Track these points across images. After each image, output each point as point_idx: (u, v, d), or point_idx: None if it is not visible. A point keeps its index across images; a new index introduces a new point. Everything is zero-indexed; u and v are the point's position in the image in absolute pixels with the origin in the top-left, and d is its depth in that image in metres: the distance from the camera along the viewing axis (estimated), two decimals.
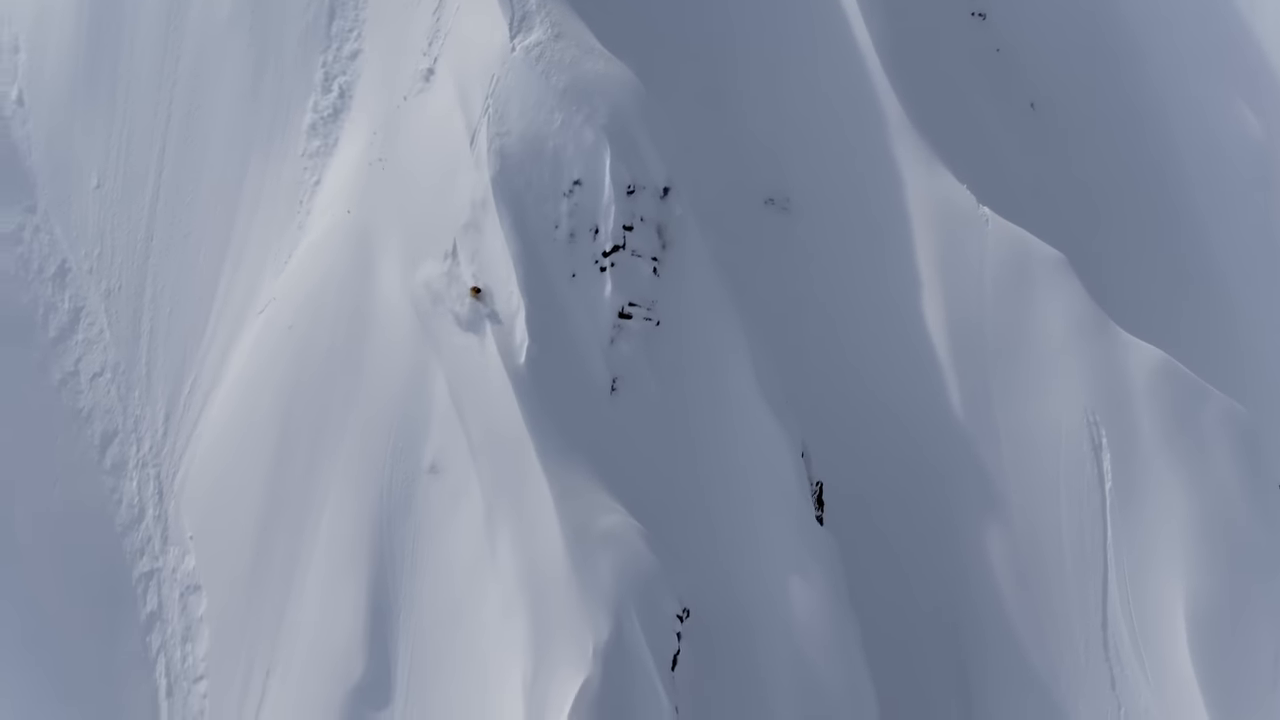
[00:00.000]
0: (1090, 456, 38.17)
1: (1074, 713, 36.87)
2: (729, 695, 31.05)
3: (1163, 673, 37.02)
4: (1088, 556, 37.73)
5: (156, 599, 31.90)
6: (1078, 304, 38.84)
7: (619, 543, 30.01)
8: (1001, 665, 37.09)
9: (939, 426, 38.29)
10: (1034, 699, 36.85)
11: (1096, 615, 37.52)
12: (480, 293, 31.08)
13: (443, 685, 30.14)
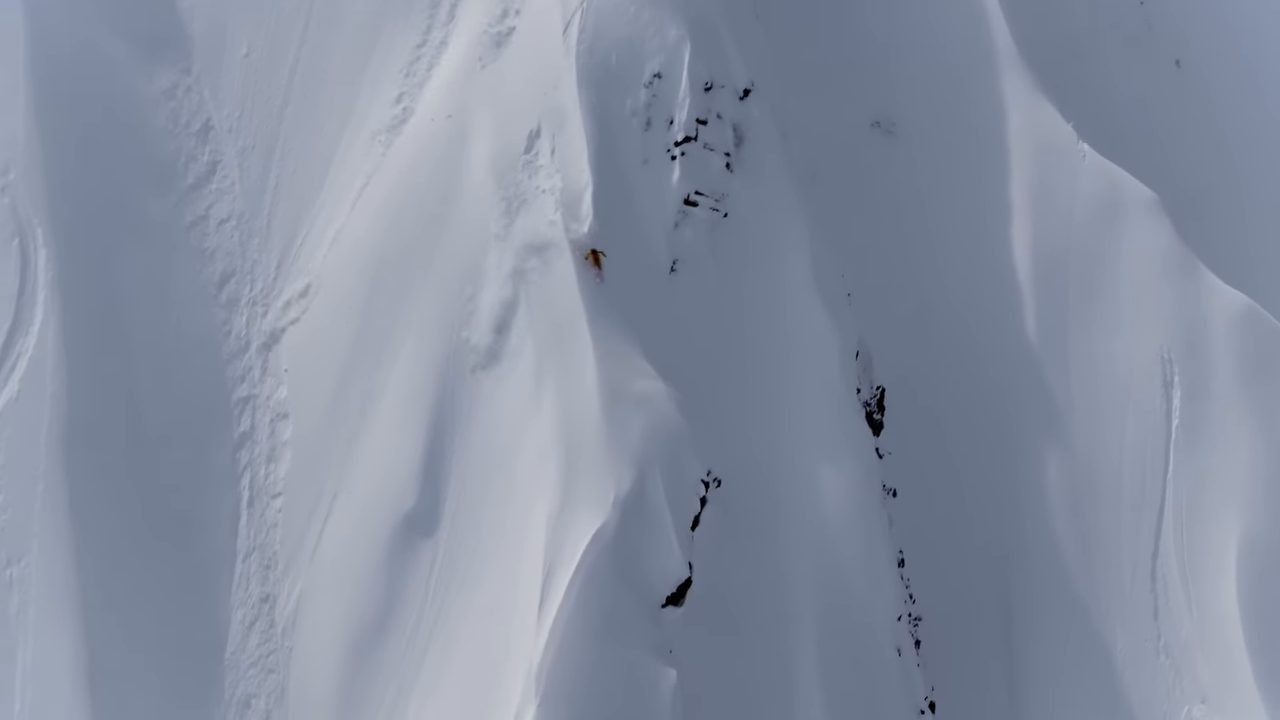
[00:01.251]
0: (1160, 393, 38.91)
1: (1113, 637, 37.79)
2: (748, 566, 33.02)
3: (1207, 609, 37.62)
4: (1146, 490, 38.52)
5: (250, 422, 35.44)
6: (1166, 244, 39.53)
7: (652, 406, 32.27)
8: (1045, 585, 38.20)
9: (1012, 351, 39.53)
10: (1075, 621, 37.88)
11: (1148, 546, 38.29)
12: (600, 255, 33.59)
13: (481, 520, 32.90)
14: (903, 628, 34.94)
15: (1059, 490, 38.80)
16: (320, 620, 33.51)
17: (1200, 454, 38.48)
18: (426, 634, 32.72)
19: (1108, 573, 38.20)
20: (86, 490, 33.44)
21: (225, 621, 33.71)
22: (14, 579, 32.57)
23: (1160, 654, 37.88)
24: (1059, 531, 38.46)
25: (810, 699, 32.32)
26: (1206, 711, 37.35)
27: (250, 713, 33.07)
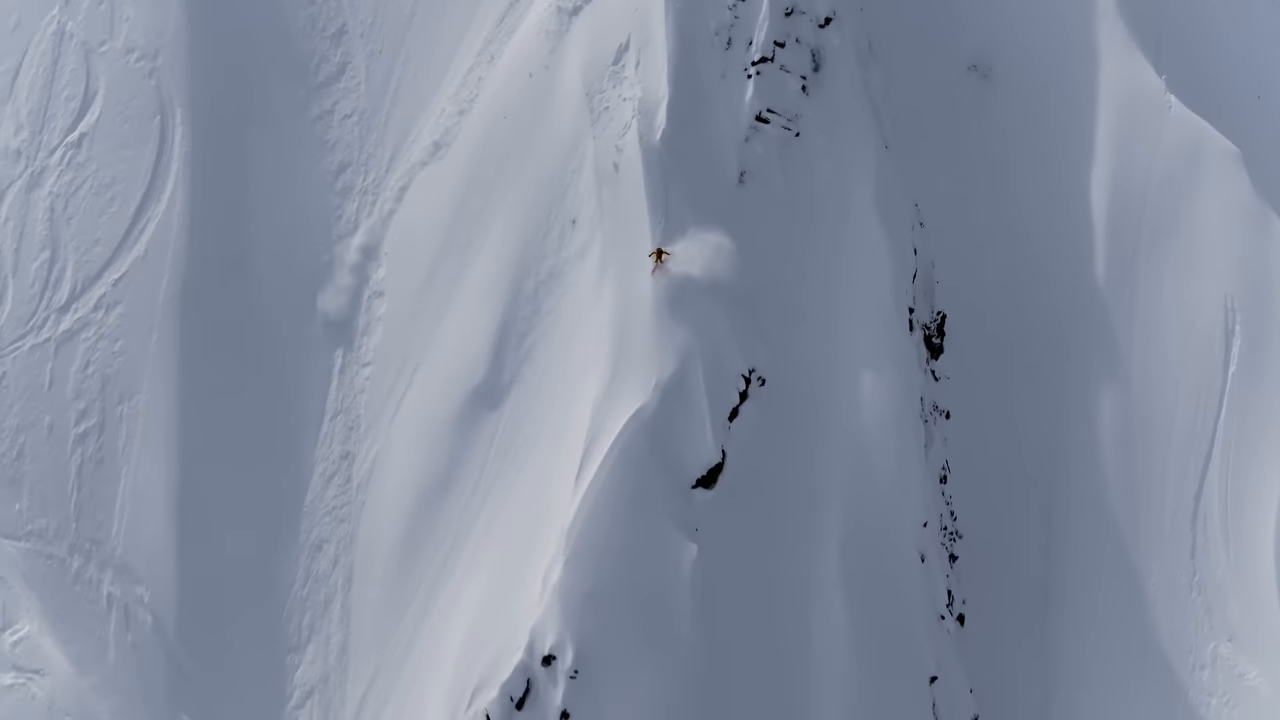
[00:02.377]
0: (1220, 341, 39.74)
1: (1148, 570, 38.85)
2: (783, 461, 34.90)
3: (1243, 552, 38.41)
4: (1196, 432, 39.42)
5: (351, 296, 38.61)
6: (1242, 196, 40.29)
7: (702, 303, 34.55)
8: (1087, 515, 39.40)
9: (1081, 289, 40.79)
10: (1113, 552, 39.00)
11: (1192, 486, 39.20)
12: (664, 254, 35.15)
13: (540, 397, 35.59)
14: (929, 535, 36.45)
15: (1111, 425, 39.92)
16: (391, 478, 36.61)
17: (1253, 403, 39.24)
18: (482, 497, 35.58)
19: (1149, 508, 39.20)
20: (195, 344, 37.12)
21: (308, 473, 37.05)
22: (124, 414, 36.44)
23: (1193, 590, 38.76)
24: (1106, 464, 39.57)
25: (830, 591, 34.16)
26: (1233, 649, 38.15)
27: (321, 556, 36.36)
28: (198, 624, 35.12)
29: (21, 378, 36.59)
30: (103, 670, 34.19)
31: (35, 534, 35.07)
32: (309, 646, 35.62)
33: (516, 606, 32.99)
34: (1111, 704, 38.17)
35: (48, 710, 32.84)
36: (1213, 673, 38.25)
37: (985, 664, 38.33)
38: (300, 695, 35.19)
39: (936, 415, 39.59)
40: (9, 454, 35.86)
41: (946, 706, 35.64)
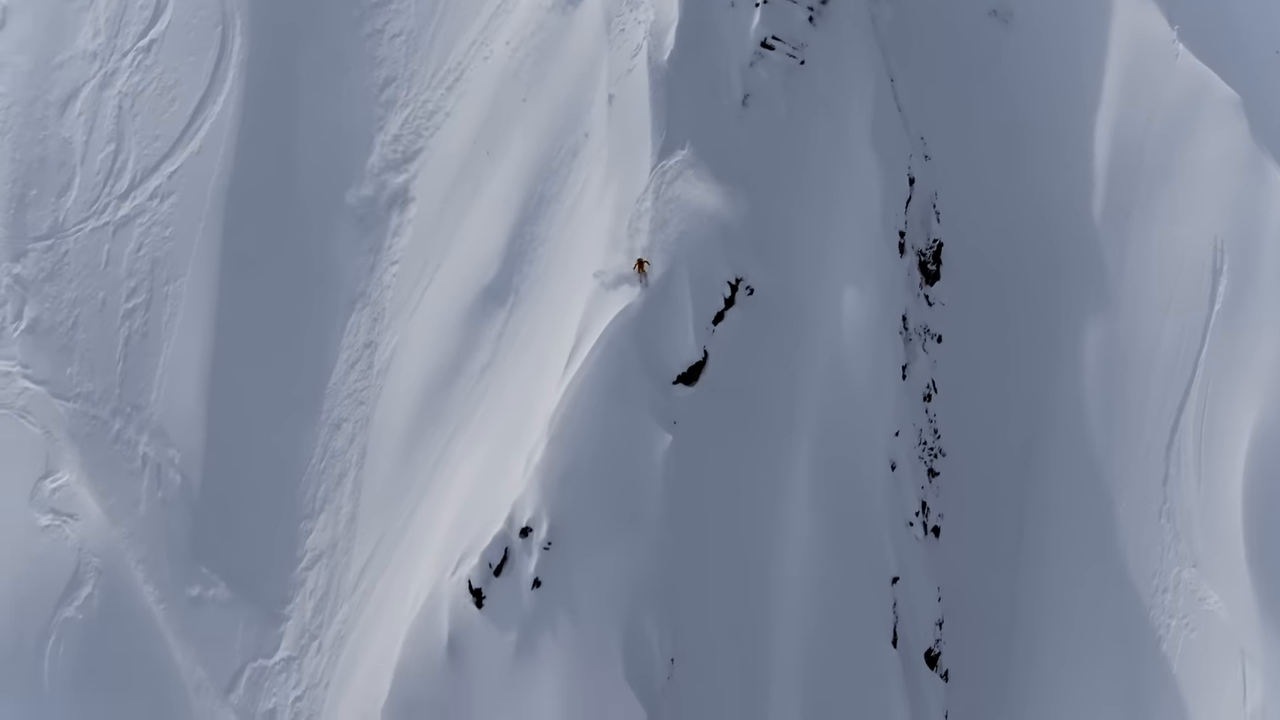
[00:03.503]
0: (1208, 279, 40.92)
1: (1120, 495, 40.32)
2: (764, 365, 36.84)
3: (1214, 485, 39.64)
4: (1178, 364, 40.67)
5: (386, 200, 41.24)
6: (1239, 142, 41.30)
7: (695, 212, 36.57)
8: (1067, 439, 40.94)
9: (1077, 224, 42.23)
10: (1088, 475, 40.55)
11: (1170, 418, 40.44)
12: (645, 265, 36.40)
13: (543, 297, 37.91)
14: (902, 445, 38.19)
15: (1096, 355, 41.30)
16: (406, 367, 39.18)
17: (1235, 340, 40.36)
18: (485, 386, 38.02)
19: (1127, 438, 40.56)
20: (237, 234, 39.95)
21: (332, 359, 39.72)
22: (169, 294, 39.44)
23: (1163, 517, 40.04)
24: (1088, 392, 41.01)
25: (798, 488, 36.20)
26: (1197, 575, 39.39)
27: (339, 434, 39.06)
28: (221, 487, 37.98)
29: (81, 256, 39.73)
30: (132, 521, 37.18)
31: (82, 396, 38.18)
32: (321, 515, 38.36)
33: (503, 485, 35.46)
34: (1076, 619, 39.65)
35: (78, 551, 35.85)
36: (1175, 596, 39.54)
37: (957, 574, 40.03)
38: (310, 559, 37.95)
39: (927, 337, 41.26)
40: (64, 324, 38.99)
41: (908, 607, 37.44)
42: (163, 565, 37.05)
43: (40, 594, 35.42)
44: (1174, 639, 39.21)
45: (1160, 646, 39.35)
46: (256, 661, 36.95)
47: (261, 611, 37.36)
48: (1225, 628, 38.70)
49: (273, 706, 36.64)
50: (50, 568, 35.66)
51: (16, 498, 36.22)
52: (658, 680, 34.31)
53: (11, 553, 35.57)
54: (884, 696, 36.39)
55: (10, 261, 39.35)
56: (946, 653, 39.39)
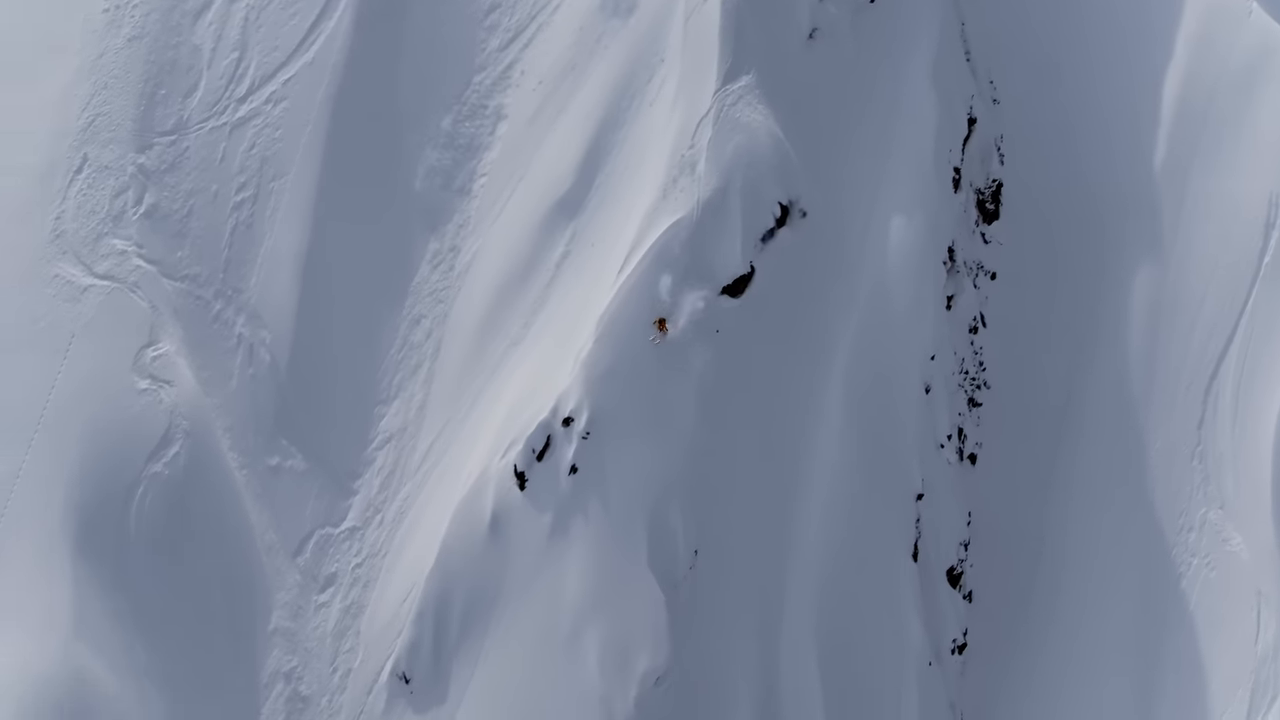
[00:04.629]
0: (1260, 233, 40.87)
1: (1155, 436, 40.76)
2: (810, 284, 38.04)
3: (1248, 429, 39.73)
4: (1223, 314, 40.83)
5: (480, 118, 43.30)
6: None
7: (752, 134, 37.82)
8: (1108, 377, 41.45)
9: (1137, 173, 42.49)
10: (1124, 413, 41.10)
11: (1210, 365, 40.66)
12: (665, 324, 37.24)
13: (610, 212, 39.60)
14: (938, 370, 39.04)
15: (1143, 300, 41.61)
16: (483, 270, 41.12)
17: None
18: (550, 292, 39.82)
19: (1167, 378, 40.88)
20: (340, 140, 42.18)
21: (418, 259, 41.82)
22: (274, 190, 41.93)
23: (1194, 458, 40.31)
24: (1133, 335, 41.35)
25: (832, 400, 37.41)
26: (1222, 516, 39.64)
27: (418, 328, 41.20)
28: (307, 369, 40.36)
29: (200, 152, 42.40)
30: (223, 394, 39.80)
31: (189, 278, 40.92)
32: (395, 401, 40.62)
33: (553, 379, 37.38)
34: (1101, 552, 40.22)
35: (170, 414, 38.58)
36: (1199, 535, 39.87)
37: (991, 502, 40.86)
38: (381, 440, 40.25)
39: (980, 273, 42.00)
40: (180, 212, 41.73)
41: (931, 524, 38.41)
42: (247, 435, 39.63)
43: (132, 449, 38.17)
44: (1194, 576, 39.59)
45: (1180, 583, 39.74)
46: (324, 529, 39.40)
47: (333, 484, 39.74)
48: (1245, 569, 38.95)
49: (335, 571, 39.10)
50: (143, 427, 38.39)
51: (120, 363, 39.03)
52: (679, 570, 35.90)
53: (111, 411, 38.37)
54: (898, 605, 37.52)
55: (136, 152, 42.11)
56: (974, 577, 40.31)
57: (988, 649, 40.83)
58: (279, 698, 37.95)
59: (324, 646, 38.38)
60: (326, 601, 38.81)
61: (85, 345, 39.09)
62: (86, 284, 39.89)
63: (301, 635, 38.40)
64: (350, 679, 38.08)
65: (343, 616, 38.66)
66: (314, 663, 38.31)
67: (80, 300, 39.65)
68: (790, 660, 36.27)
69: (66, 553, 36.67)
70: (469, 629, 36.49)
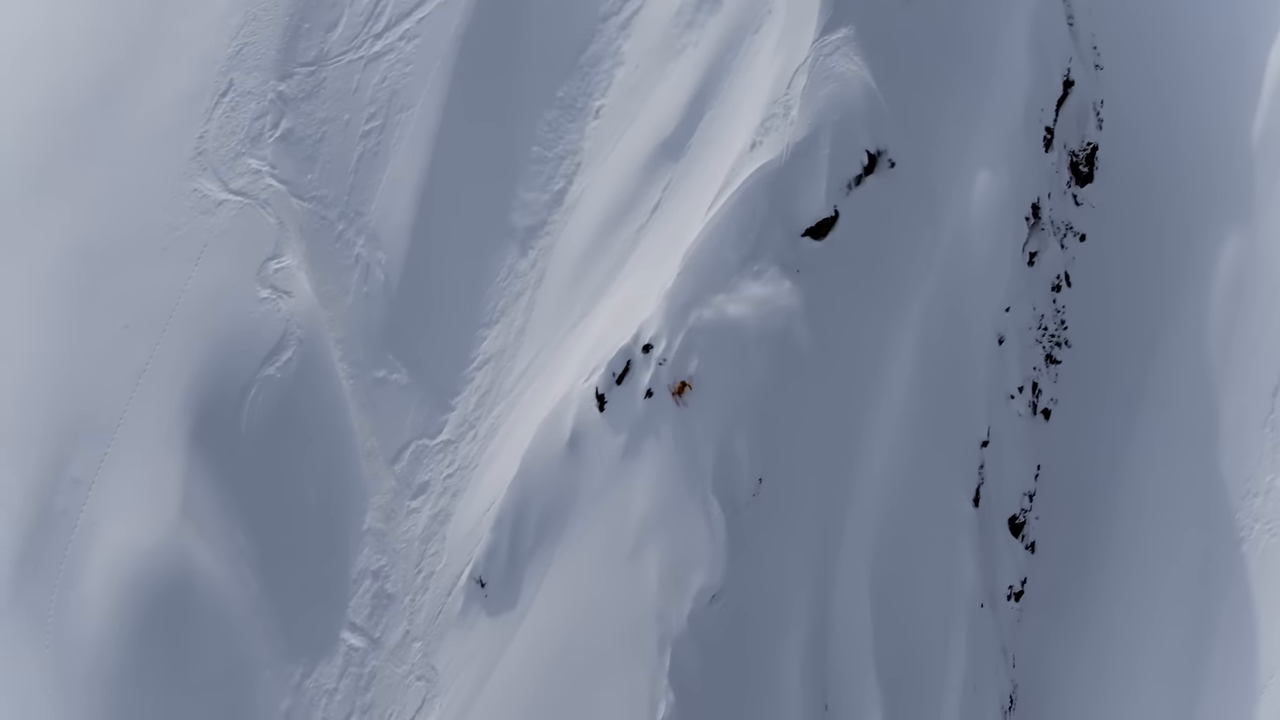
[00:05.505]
0: None
1: (1226, 402, 40.48)
2: (891, 232, 38.64)
3: None
4: None
5: (600, 62, 44.57)
6: None
7: (844, 82, 38.50)
8: (1187, 343, 41.09)
9: (1236, 144, 41.91)
10: (1199, 379, 40.70)
11: None
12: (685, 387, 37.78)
13: (709, 154, 40.68)
14: (1013, 322, 39.24)
15: (1228, 270, 41.19)
16: (589, 207, 42.28)
17: None
18: (647, 229, 41.04)
19: (1244, 347, 40.48)
20: (465, 78, 43.89)
21: (529, 193, 43.50)
22: (401, 121, 43.71)
23: (1266, 426, 39.88)
24: (1214, 303, 40.99)
25: (905, 342, 37.98)
26: None
27: (524, 258, 42.65)
28: (417, 290, 41.97)
29: (336, 83, 44.38)
30: (339, 308, 41.74)
31: (316, 199, 42.97)
32: (497, 325, 42.11)
33: (640, 308, 38.68)
34: (1164, 511, 40.14)
35: (286, 323, 40.66)
36: (1265, 501, 39.50)
37: (1061, 457, 40.99)
38: (481, 361, 41.83)
39: (1068, 233, 42.02)
40: (313, 137, 43.79)
41: (995, 472, 38.73)
42: (357, 347, 41.54)
43: (249, 352, 40.34)
44: (1255, 540, 39.26)
45: (1241, 547, 39.41)
46: (421, 440, 41.16)
47: (432, 399, 41.45)
48: None
49: (427, 479, 40.87)
50: (261, 332, 40.55)
51: (245, 272, 41.27)
52: (742, 496, 36.84)
53: (233, 315, 40.62)
54: (954, 547, 37.95)
55: (277, 80, 44.26)
56: (1039, 529, 40.54)
57: (1047, 600, 41.02)
58: (366, 593, 39.83)
59: (411, 549, 40.12)
60: (417, 507, 40.56)
61: (216, 254, 41.36)
62: (222, 199, 42.15)
63: (391, 537, 40.21)
64: (432, 580, 39.79)
65: (431, 522, 40.38)
66: (401, 563, 40.11)
67: (215, 213, 41.89)
68: (844, 591, 36.98)
69: (182, 441, 39.01)
70: (542, 539, 37.92)
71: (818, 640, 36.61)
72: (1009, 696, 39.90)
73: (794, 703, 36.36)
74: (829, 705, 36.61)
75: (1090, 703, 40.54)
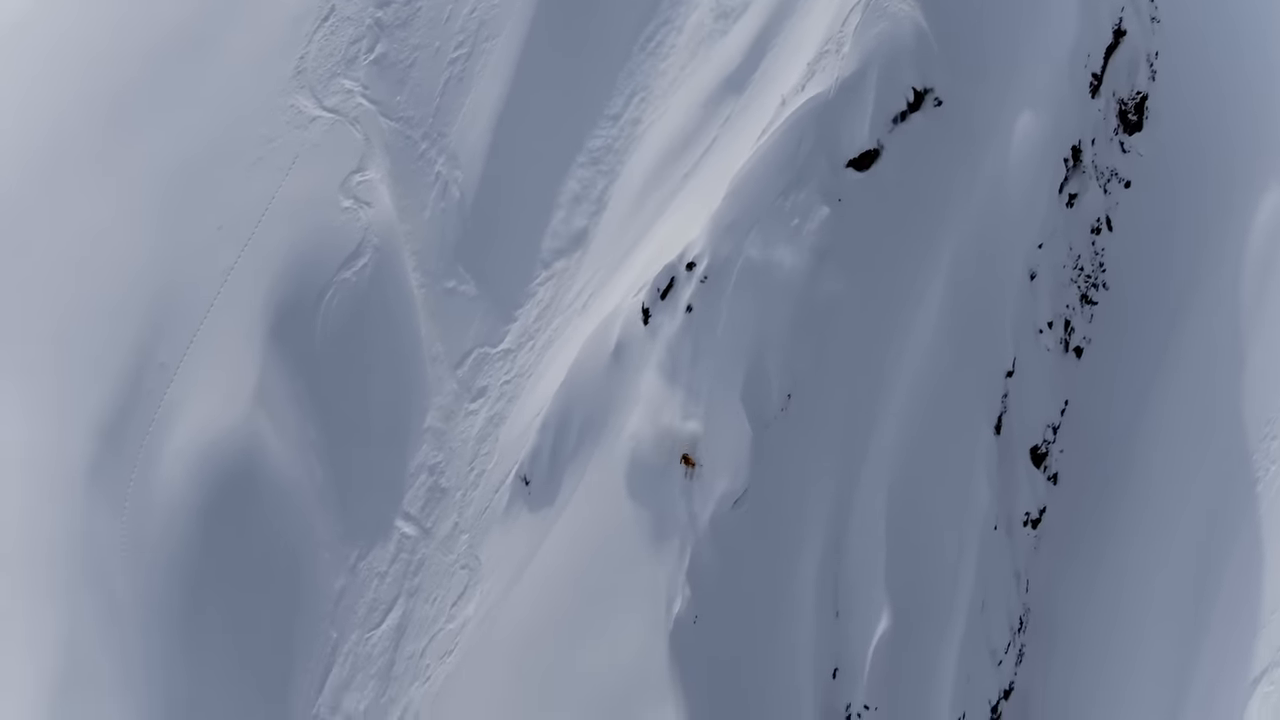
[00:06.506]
0: None
1: (1252, 348, 40.51)
2: (931, 166, 39.43)
3: None
4: None
5: (676, 7, 46.08)
6: None
7: (897, 22, 39.33)
8: (1220, 292, 41.11)
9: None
10: (1228, 326, 40.75)
11: None
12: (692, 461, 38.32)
13: (767, 89, 41.38)
14: (1046, 258, 39.76)
15: (1267, 224, 41.21)
16: (653, 138, 43.18)
17: None
18: (704, 159, 42.43)
19: (1275, 300, 40.58)
20: (550, 12, 45.15)
21: (599, 122, 44.87)
22: (486, 50, 45.05)
23: None
24: (1249, 256, 40.98)
25: (935, 274, 38.64)
26: None
27: (591, 183, 44.52)
28: (490, 209, 43.38)
29: (429, 12, 45.93)
30: (416, 222, 43.38)
31: (403, 119, 44.88)
32: (561, 245, 43.89)
33: (688, 229, 40.12)
34: (1184, 452, 40.44)
35: (364, 231, 42.61)
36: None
37: (1090, 394, 41.48)
38: (544, 277, 43.16)
39: (1113, 178, 42.34)
40: (404, 62, 45.61)
41: (1018, 403, 39.38)
42: (430, 258, 43.40)
43: (327, 258, 42.32)
44: (1270, 481, 39.37)
45: (1256, 487, 39.54)
46: (483, 348, 42.95)
47: (497, 310, 43.17)
48: None
49: (486, 385, 42.68)
50: (340, 239, 42.55)
51: (330, 183, 43.26)
52: (770, 410, 37.99)
53: (316, 223, 42.63)
54: (972, 470, 38.78)
55: (375, 7, 46.02)
56: (1063, 462, 41.13)
57: (1066, 531, 41.62)
58: (421, 486, 41.81)
59: (466, 448, 42.01)
60: (475, 410, 42.42)
61: (305, 166, 43.37)
62: (315, 115, 44.22)
63: (449, 436, 42.13)
64: (483, 478, 41.63)
65: (486, 424, 42.21)
66: (456, 461, 42.03)
67: (308, 128, 43.94)
68: (862, 505, 37.97)
69: (260, 336, 41.13)
70: (582, 441, 39.52)
71: (833, 550, 37.69)
72: (1019, 618, 40.63)
73: (806, 608, 37.51)
74: (840, 612, 37.71)
75: (1102, 630, 41.12)
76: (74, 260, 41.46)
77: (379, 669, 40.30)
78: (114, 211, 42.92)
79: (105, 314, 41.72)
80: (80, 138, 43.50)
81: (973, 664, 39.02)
